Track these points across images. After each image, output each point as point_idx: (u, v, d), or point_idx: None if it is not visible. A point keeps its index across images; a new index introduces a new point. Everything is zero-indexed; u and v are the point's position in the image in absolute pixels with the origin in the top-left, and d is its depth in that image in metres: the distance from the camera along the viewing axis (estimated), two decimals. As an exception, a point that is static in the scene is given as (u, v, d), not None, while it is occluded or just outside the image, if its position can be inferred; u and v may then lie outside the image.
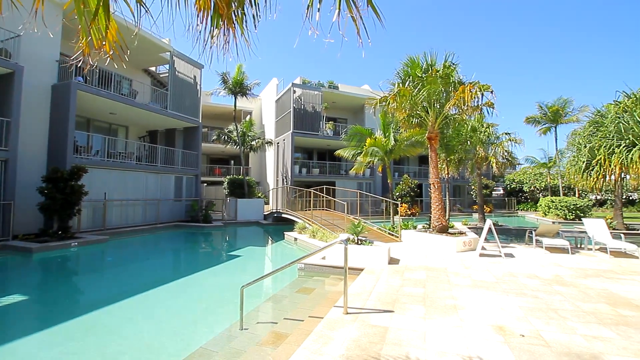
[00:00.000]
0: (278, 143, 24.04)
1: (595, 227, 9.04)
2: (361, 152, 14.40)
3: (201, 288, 6.96)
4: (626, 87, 11.48)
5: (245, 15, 2.11)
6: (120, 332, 4.58)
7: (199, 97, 18.93)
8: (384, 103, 10.05)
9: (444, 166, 16.05)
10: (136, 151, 16.70)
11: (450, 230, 9.72)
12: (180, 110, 17.35)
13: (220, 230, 16.50)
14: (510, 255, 7.94)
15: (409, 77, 9.83)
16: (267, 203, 23.26)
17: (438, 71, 9.43)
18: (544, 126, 24.73)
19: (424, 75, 9.49)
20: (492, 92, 8.97)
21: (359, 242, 7.43)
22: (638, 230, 14.45)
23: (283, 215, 17.30)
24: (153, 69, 19.43)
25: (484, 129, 15.41)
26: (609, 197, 29.31)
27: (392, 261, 7.20)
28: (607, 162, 9.16)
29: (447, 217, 14.36)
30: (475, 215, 21.28)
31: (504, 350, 3.14)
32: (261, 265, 10.10)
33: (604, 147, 9.40)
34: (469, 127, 15.02)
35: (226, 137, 21.24)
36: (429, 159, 9.81)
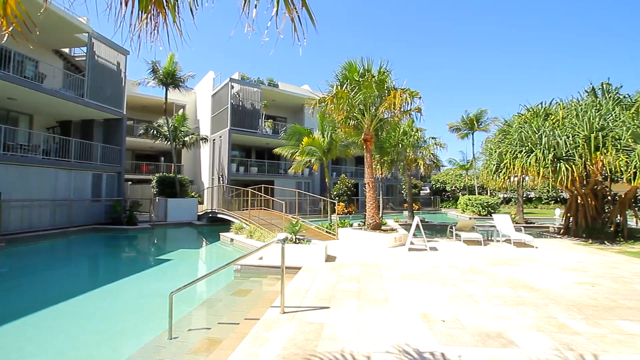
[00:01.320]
0: (214, 140, 22.97)
1: (502, 221, 10.41)
2: (300, 151, 14.50)
3: (124, 297, 6.33)
4: (527, 102, 13.44)
5: (177, 2, 1.98)
6: (27, 351, 3.94)
7: (123, 86, 17.13)
8: (322, 104, 10.26)
9: (378, 167, 16.97)
10: (44, 144, 14.50)
11: (383, 228, 10.31)
12: (100, 100, 15.52)
13: (147, 233, 15.17)
14: (435, 249, 8.72)
15: (347, 80, 10.17)
16: (201, 203, 22.06)
17: (374, 76, 9.93)
18: (463, 132, 27.70)
19: (360, 79, 9.90)
20: (420, 98, 9.75)
21: (297, 241, 7.47)
22: (534, 223, 17.01)
23: (219, 216, 16.59)
24: (67, 50, 17.04)
25: (413, 133, 16.66)
26: (513, 196, 33.97)
27: (329, 259, 7.39)
28: (511, 165, 10.60)
29: (380, 215, 15.21)
30: (406, 213, 22.91)
31: (428, 335, 3.44)
32: (194, 268, 9.55)
33: (510, 152, 10.86)
34: (401, 130, 16.12)
35: (155, 132, 19.58)
36: (365, 159, 10.27)
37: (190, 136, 20.89)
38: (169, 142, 19.24)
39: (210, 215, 17.74)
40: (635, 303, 4.46)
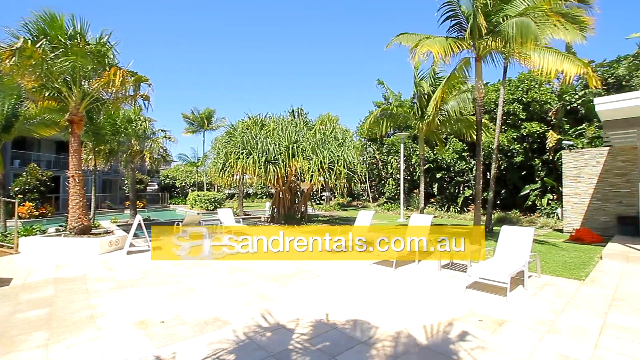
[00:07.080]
0: None
1: (225, 215, 11.47)
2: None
3: None
4: (249, 110, 15.67)
5: None
6: None
7: None
8: (-5, 58, 7.07)
9: (91, 157, 13.94)
10: None
11: (94, 231, 8.56)
12: None
13: None
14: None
15: (46, 38, 7.60)
16: None
17: (90, 44, 8.02)
18: (193, 128, 28.28)
19: (69, 42, 7.70)
20: (150, 85, 8.93)
21: None
22: (251, 215, 20.06)
23: None
24: None
25: (140, 122, 15.02)
26: (236, 192, 38.55)
27: (1, 282, 5.19)
28: (235, 165, 11.94)
29: (92, 215, 12.58)
30: (128, 212, 20.24)
31: (145, 342, 3.15)
32: None
33: (234, 153, 12.19)
34: (125, 117, 14.08)
35: None
36: (70, 146, 8.10)
37: None
38: None
39: None
40: (308, 267, 6.24)
